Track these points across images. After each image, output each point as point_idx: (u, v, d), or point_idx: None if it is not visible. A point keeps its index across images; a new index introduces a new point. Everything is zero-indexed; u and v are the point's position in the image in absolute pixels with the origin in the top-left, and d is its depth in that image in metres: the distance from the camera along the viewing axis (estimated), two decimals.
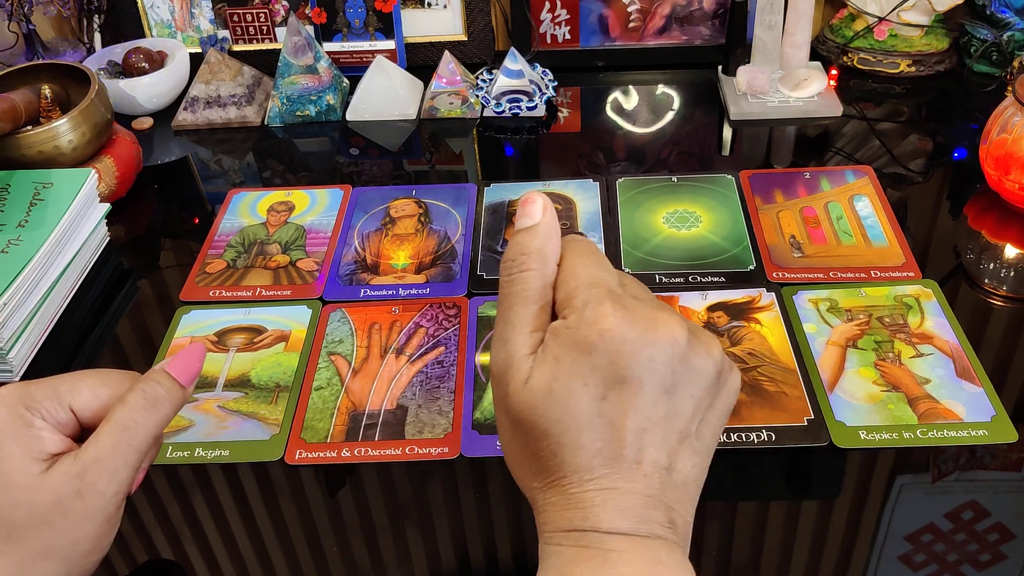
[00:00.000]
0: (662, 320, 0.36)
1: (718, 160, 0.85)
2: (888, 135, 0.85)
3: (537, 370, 0.36)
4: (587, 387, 0.35)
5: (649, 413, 0.36)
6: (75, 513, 0.40)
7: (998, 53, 0.89)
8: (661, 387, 0.36)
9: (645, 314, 0.36)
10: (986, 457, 0.53)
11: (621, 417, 0.35)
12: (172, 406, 0.43)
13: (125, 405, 0.42)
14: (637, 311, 0.36)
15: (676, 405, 0.36)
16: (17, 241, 0.65)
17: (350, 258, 0.72)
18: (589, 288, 0.37)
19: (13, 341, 0.62)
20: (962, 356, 0.59)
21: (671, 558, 0.37)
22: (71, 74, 0.81)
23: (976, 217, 0.73)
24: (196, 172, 0.88)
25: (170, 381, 0.43)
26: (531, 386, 0.36)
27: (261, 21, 1.00)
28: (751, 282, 0.67)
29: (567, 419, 0.35)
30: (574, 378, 0.35)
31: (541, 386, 0.36)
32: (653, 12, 0.97)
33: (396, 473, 0.54)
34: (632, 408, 0.35)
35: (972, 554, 0.47)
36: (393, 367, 0.61)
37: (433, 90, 0.91)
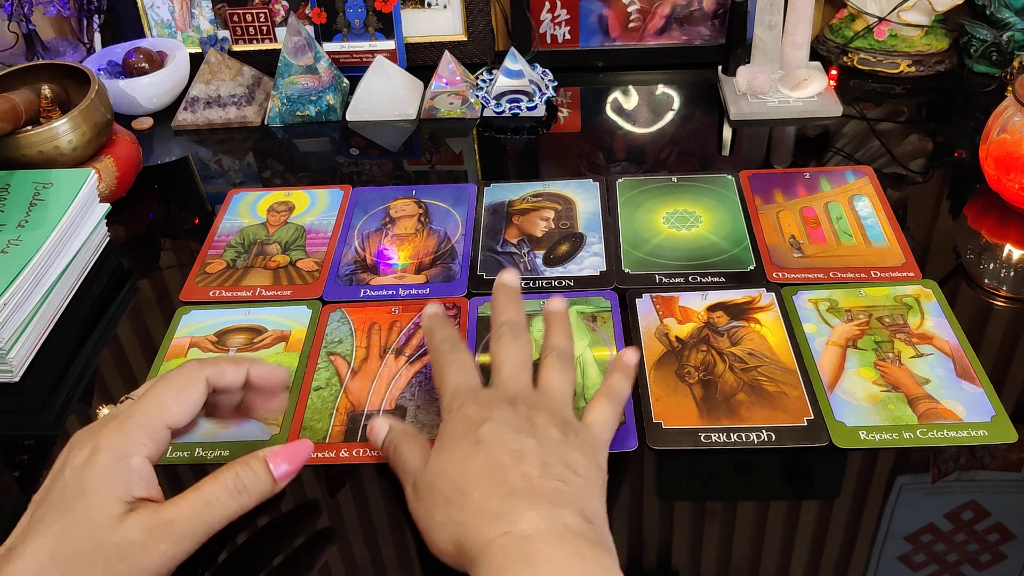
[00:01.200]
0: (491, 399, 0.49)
1: (718, 160, 0.85)
2: (888, 135, 0.85)
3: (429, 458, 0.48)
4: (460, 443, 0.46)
5: (520, 448, 0.45)
6: (132, 562, 0.41)
7: (998, 53, 0.89)
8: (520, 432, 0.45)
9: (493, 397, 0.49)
10: (986, 457, 0.52)
11: (496, 452, 0.44)
12: (257, 497, 0.45)
13: (216, 482, 0.44)
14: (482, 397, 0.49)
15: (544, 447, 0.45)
16: (17, 241, 0.65)
17: (350, 258, 0.72)
18: (452, 392, 0.50)
19: (13, 341, 0.62)
20: (962, 356, 0.59)
21: (592, 552, 0.40)
22: (71, 74, 0.81)
23: (976, 217, 0.73)
24: (196, 172, 0.88)
25: (265, 472, 0.45)
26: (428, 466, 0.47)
27: (261, 21, 1.00)
28: (751, 282, 0.67)
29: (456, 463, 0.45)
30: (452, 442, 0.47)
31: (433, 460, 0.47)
32: (653, 12, 0.97)
33: (395, 474, 0.54)
34: (501, 446, 0.45)
35: (972, 554, 0.47)
36: (392, 367, 0.61)
37: (433, 90, 0.91)
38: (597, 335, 0.63)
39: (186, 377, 0.47)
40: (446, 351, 0.53)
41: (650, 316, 0.64)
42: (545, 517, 0.41)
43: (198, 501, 0.43)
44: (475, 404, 0.48)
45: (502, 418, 0.46)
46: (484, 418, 0.47)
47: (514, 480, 0.43)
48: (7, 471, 0.57)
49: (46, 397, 0.62)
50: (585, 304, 0.65)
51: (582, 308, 0.65)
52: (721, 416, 0.55)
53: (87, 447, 0.43)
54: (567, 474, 0.44)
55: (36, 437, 0.59)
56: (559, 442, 0.46)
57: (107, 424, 0.44)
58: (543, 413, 0.48)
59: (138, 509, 0.42)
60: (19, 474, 0.57)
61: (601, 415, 0.50)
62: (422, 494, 0.46)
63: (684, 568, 0.48)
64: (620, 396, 0.52)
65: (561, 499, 0.42)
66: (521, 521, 0.41)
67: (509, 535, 0.41)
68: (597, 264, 0.70)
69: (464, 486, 0.44)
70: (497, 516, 0.42)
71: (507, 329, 0.53)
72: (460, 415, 0.48)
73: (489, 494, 0.43)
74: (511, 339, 0.53)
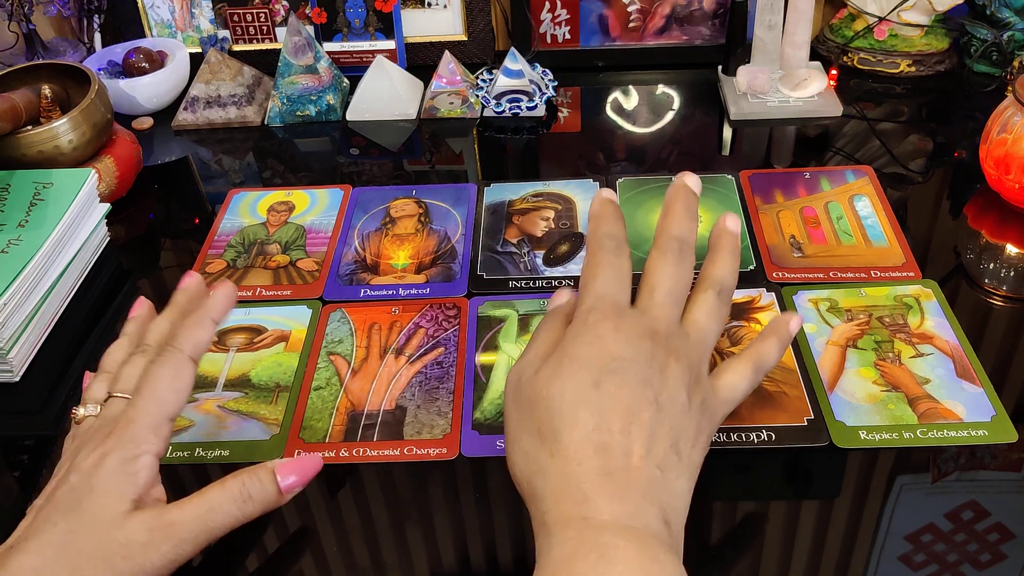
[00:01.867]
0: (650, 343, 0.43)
1: (718, 160, 0.85)
2: (888, 135, 0.85)
3: (546, 364, 0.43)
4: (581, 373, 0.42)
5: (636, 411, 0.41)
6: (133, 561, 0.41)
7: (998, 53, 0.89)
8: (646, 388, 0.41)
9: (635, 328, 0.43)
10: (986, 457, 0.52)
11: (612, 406, 0.41)
12: (261, 507, 0.45)
13: (222, 488, 0.44)
14: (626, 321, 0.44)
15: (662, 415, 0.41)
16: (17, 241, 0.65)
17: (350, 258, 0.72)
18: (596, 299, 0.45)
19: (13, 341, 0.62)
20: (962, 356, 0.59)
21: (667, 559, 0.38)
22: (71, 74, 0.81)
23: (976, 217, 0.73)
24: (196, 172, 0.88)
25: (271, 483, 0.45)
26: (540, 374, 0.43)
27: (261, 21, 1.00)
28: (751, 282, 0.67)
29: (567, 396, 0.41)
30: (573, 366, 0.42)
31: (547, 373, 0.43)
32: (653, 12, 0.97)
33: (395, 473, 0.54)
34: (619, 402, 0.41)
35: (972, 554, 0.47)
36: (392, 367, 0.61)
37: (433, 90, 0.91)
38: None
39: (174, 364, 0.46)
40: (609, 249, 0.46)
41: None
42: (629, 513, 0.39)
43: (202, 506, 0.43)
44: (614, 328, 0.43)
45: (634, 361, 0.42)
46: (617, 354, 0.42)
47: (615, 453, 0.40)
48: (7, 471, 0.57)
49: (46, 397, 0.62)
50: None
51: None
52: None
53: (94, 452, 0.43)
54: (670, 458, 0.41)
55: (36, 437, 0.59)
56: (680, 411, 0.42)
57: (111, 428, 0.44)
58: (680, 364, 0.43)
59: (143, 509, 0.43)
60: (19, 474, 0.57)
61: (738, 380, 0.46)
62: (521, 401, 0.43)
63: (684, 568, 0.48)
64: (766, 365, 0.47)
65: (651, 493, 0.40)
66: (605, 511, 0.38)
67: (588, 522, 0.38)
68: None
69: (562, 434, 0.40)
70: (583, 496, 0.39)
71: (676, 247, 0.46)
72: (593, 335, 0.43)
73: (584, 459, 0.40)
74: (677, 260, 0.46)
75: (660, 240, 0.47)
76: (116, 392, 0.47)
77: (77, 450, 0.45)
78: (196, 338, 0.48)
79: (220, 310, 0.49)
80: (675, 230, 0.47)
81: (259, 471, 0.45)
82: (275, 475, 0.45)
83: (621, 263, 0.46)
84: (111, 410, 0.46)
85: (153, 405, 0.45)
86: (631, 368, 0.42)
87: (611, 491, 0.39)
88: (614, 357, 0.42)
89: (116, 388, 0.47)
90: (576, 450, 0.40)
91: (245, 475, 0.45)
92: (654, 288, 0.45)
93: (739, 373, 0.46)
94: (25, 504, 0.45)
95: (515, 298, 0.67)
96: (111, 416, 0.46)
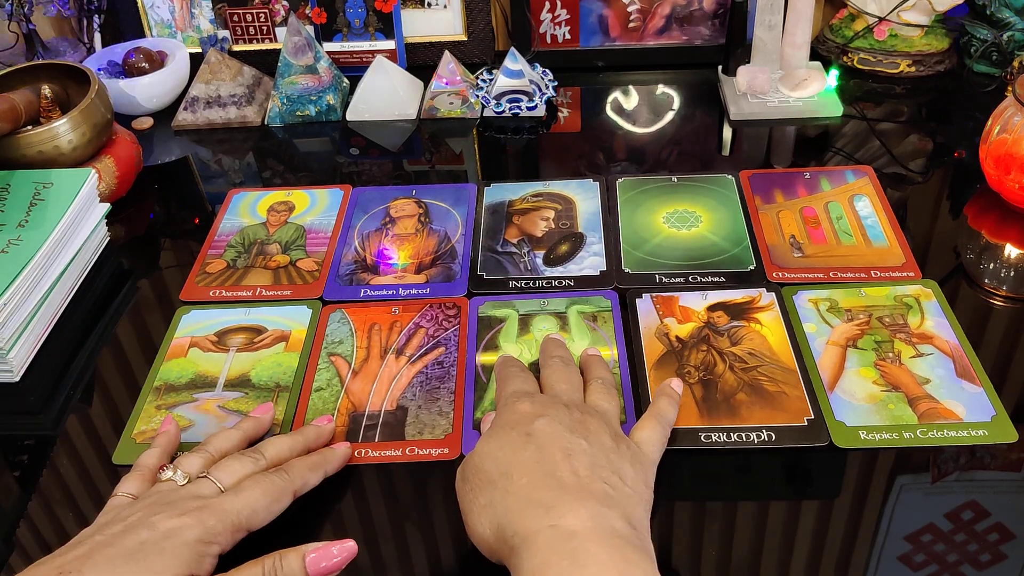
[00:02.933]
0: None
1: (718, 160, 0.85)
2: (888, 135, 0.85)
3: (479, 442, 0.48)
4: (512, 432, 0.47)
5: (571, 447, 0.45)
6: None
7: (998, 53, 0.89)
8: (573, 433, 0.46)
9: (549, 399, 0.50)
10: (986, 457, 0.53)
11: (548, 445, 0.45)
12: None
13: (255, 569, 0.44)
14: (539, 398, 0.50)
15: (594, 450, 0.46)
16: (17, 241, 0.65)
17: (350, 258, 0.72)
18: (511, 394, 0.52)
19: (13, 341, 0.62)
20: (962, 356, 0.59)
21: (638, 557, 0.40)
22: (71, 74, 0.81)
23: (976, 217, 0.73)
24: (196, 172, 0.88)
25: (300, 567, 0.44)
26: (476, 449, 0.48)
27: (261, 21, 1.00)
28: (751, 282, 0.67)
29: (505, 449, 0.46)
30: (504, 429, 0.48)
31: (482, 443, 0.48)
32: (653, 12, 0.97)
33: (396, 474, 0.54)
34: (554, 441, 0.45)
35: (972, 554, 0.47)
36: (393, 368, 0.61)
37: (433, 90, 0.91)
38: (597, 335, 0.63)
39: (280, 489, 0.48)
40: (514, 372, 0.55)
41: (650, 316, 0.64)
42: (593, 516, 0.41)
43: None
44: (531, 402, 0.49)
45: (556, 416, 0.47)
46: (539, 414, 0.48)
47: (563, 474, 0.43)
48: (7, 471, 0.57)
49: (46, 397, 0.62)
50: (586, 304, 0.65)
51: (582, 308, 0.65)
52: (721, 416, 0.55)
53: (175, 518, 0.44)
54: (615, 480, 0.44)
55: (36, 437, 0.59)
56: (610, 449, 0.47)
57: (198, 506, 0.45)
58: (596, 420, 0.49)
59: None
60: (19, 474, 0.57)
61: (651, 435, 0.51)
62: (468, 475, 0.47)
63: (684, 568, 0.48)
64: (668, 420, 0.53)
65: (609, 501, 0.42)
66: (569, 516, 0.41)
67: (556, 529, 0.40)
68: (597, 264, 0.70)
69: (512, 471, 0.44)
70: (545, 507, 0.41)
71: (559, 359, 0.56)
72: (515, 408, 0.49)
73: (537, 483, 0.43)
74: (563, 366, 0.55)
75: (544, 360, 0.56)
76: (213, 477, 0.48)
77: (153, 508, 0.45)
78: (306, 479, 0.50)
79: (335, 466, 0.53)
80: (555, 352, 0.57)
81: (291, 558, 0.44)
82: (304, 560, 0.44)
83: (528, 375, 0.55)
84: (201, 489, 0.47)
85: (247, 510, 0.46)
86: (555, 419, 0.47)
87: (571, 499, 0.42)
88: (539, 415, 0.48)
89: (215, 475, 0.48)
90: (529, 477, 0.44)
91: (277, 557, 0.44)
92: (553, 384, 0.53)
93: (649, 428, 0.51)
94: (25, 504, 0.45)
95: (515, 298, 0.67)
96: (198, 494, 0.47)
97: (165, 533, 0.43)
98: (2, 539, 0.52)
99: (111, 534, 0.44)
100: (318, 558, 0.44)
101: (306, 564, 0.44)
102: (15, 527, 0.52)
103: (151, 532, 0.43)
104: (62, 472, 0.56)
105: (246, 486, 0.47)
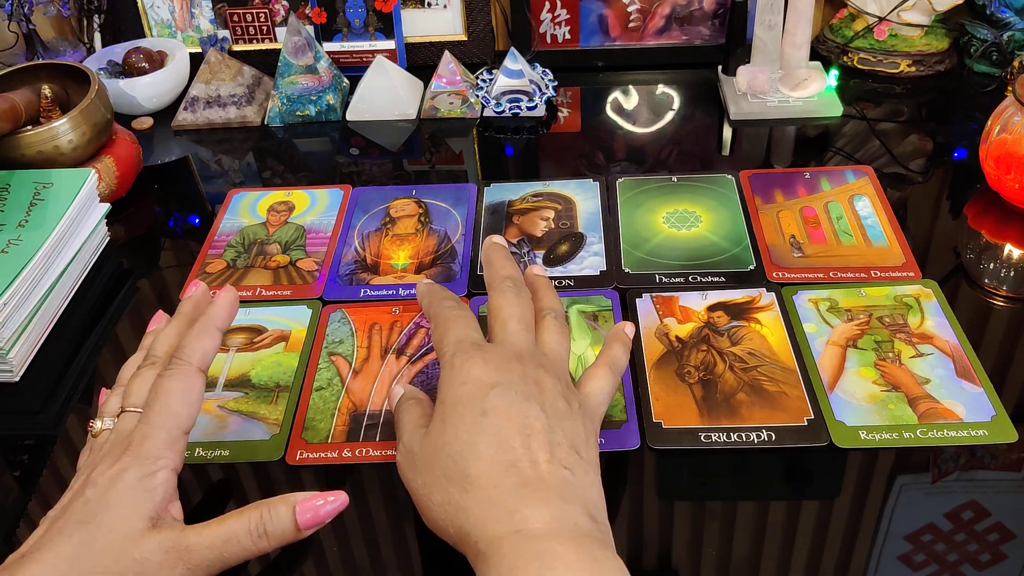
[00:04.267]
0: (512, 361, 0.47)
1: (718, 160, 0.85)
2: (888, 135, 0.85)
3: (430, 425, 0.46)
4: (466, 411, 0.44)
5: (529, 424, 0.43)
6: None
7: (998, 53, 0.89)
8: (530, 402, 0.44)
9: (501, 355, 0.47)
10: (986, 457, 0.53)
11: (505, 426, 0.43)
12: (277, 542, 0.44)
13: (241, 519, 0.43)
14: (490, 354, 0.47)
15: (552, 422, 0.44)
16: (17, 241, 0.65)
17: (350, 258, 0.72)
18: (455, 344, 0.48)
19: (13, 341, 0.62)
20: (962, 356, 0.59)
21: (603, 554, 0.39)
22: (71, 74, 0.81)
23: (976, 217, 0.73)
24: (196, 172, 0.88)
25: (289, 519, 0.43)
26: (429, 433, 0.45)
27: (261, 21, 1.00)
28: (751, 282, 0.67)
29: (461, 436, 0.43)
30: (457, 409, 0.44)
31: (436, 429, 0.45)
32: (653, 12, 0.97)
33: (396, 474, 0.54)
34: (511, 420, 0.43)
35: (972, 554, 0.47)
36: (394, 368, 0.61)
37: (433, 90, 0.91)
38: (598, 334, 0.63)
39: (183, 377, 0.46)
40: (451, 304, 0.51)
41: (650, 316, 0.64)
42: (556, 516, 0.40)
43: (219, 535, 0.43)
44: (482, 361, 0.46)
45: (510, 383, 0.45)
46: (492, 382, 0.45)
47: (523, 466, 0.42)
48: (7, 471, 0.57)
49: (46, 397, 0.62)
50: (586, 303, 0.65)
51: (583, 307, 0.65)
52: (721, 416, 0.55)
53: (112, 467, 0.43)
54: (573, 458, 0.43)
55: (36, 437, 0.59)
56: (565, 414, 0.45)
57: (127, 444, 0.44)
58: (551, 376, 0.47)
59: (160, 528, 0.43)
60: (19, 474, 0.57)
61: (601, 385, 0.49)
62: (420, 466, 0.45)
63: (684, 568, 0.48)
64: (619, 366, 0.51)
65: (570, 494, 0.42)
66: (533, 520, 0.40)
67: (521, 534, 0.40)
68: (597, 264, 0.70)
69: (469, 469, 0.42)
70: (508, 512, 0.40)
71: (511, 284, 0.51)
72: (465, 374, 0.45)
73: (498, 483, 0.41)
74: (515, 294, 0.51)
75: (495, 282, 0.52)
76: (128, 407, 0.47)
77: (94, 464, 0.45)
78: (203, 348, 0.48)
79: (224, 317, 0.49)
80: (504, 271, 0.53)
81: (279, 505, 0.44)
82: (295, 509, 0.44)
83: (467, 314, 0.51)
84: (124, 424, 0.46)
85: (168, 420, 0.45)
86: (510, 389, 0.45)
87: (533, 500, 0.41)
88: (492, 384, 0.45)
89: (128, 402, 0.47)
90: (488, 476, 0.42)
91: (267, 506, 0.44)
92: (505, 321, 0.50)
93: (600, 378, 0.50)
94: (25, 504, 0.45)
95: None
96: (125, 430, 0.46)
97: (106, 485, 0.43)
98: (2, 539, 0.52)
99: (62, 506, 0.44)
100: (308, 507, 0.44)
101: (296, 514, 0.43)
102: (15, 527, 0.52)
103: (94, 490, 0.43)
104: (62, 472, 0.56)
105: (154, 396, 0.46)
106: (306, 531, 0.44)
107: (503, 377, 0.45)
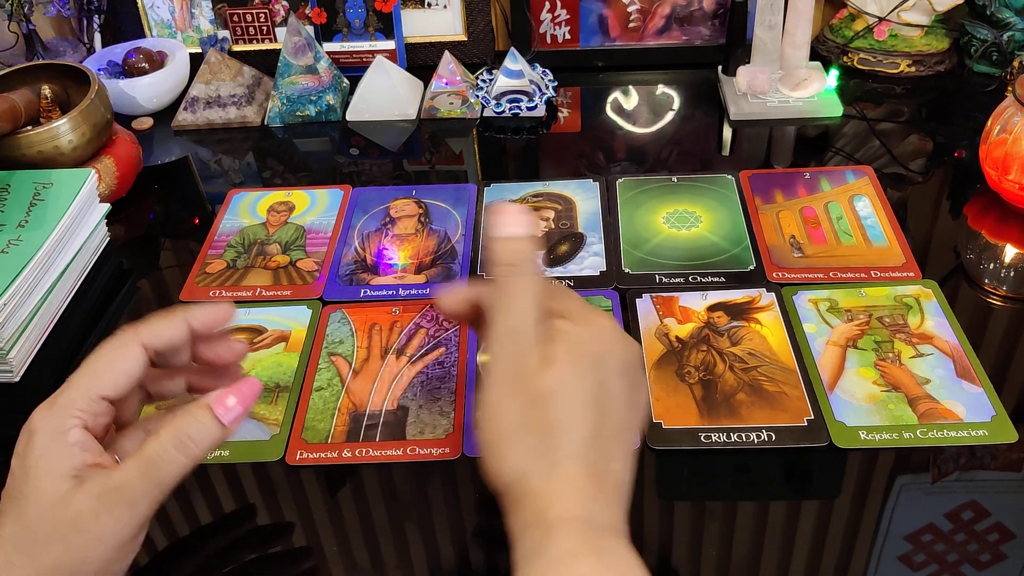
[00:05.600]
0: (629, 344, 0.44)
1: (718, 160, 0.85)
2: (888, 135, 0.85)
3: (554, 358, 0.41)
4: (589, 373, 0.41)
5: (628, 420, 0.42)
6: (88, 533, 0.40)
7: (998, 53, 0.89)
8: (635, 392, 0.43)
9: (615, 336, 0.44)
10: (986, 457, 0.53)
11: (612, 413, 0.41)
12: (206, 446, 0.42)
13: (157, 440, 0.41)
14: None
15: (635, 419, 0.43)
16: (17, 241, 0.65)
17: (350, 258, 0.72)
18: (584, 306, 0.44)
19: (13, 341, 0.62)
20: (962, 356, 0.59)
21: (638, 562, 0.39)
22: (71, 74, 0.81)
23: (976, 217, 0.73)
24: (196, 172, 0.88)
25: (210, 418, 0.42)
26: (552, 370, 0.41)
27: (261, 21, 1.00)
28: (751, 282, 0.67)
29: (577, 396, 0.40)
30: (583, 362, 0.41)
31: (558, 372, 0.41)
32: (653, 12, 0.97)
33: (397, 473, 0.54)
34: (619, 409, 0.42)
35: (972, 554, 0.47)
36: (394, 368, 0.61)
37: (433, 90, 0.91)
38: None
39: (118, 343, 0.44)
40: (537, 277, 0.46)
41: (650, 316, 0.64)
42: (620, 518, 0.40)
43: (143, 460, 0.41)
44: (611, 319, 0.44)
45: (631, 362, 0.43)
46: (621, 357, 0.42)
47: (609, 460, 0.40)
48: (7, 471, 0.57)
49: (46, 397, 0.62)
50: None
51: None
52: (721, 416, 0.56)
53: (24, 433, 0.42)
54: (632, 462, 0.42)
55: None
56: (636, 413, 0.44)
57: (40, 406, 0.43)
58: None
59: (85, 480, 0.41)
60: None
61: None
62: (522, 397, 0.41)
63: (684, 568, 0.48)
64: None
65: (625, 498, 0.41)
66: (605, 515, 0.39)
67: (590, 524, 0.38)
68: (597, 264, 0.70)
69: (569, 432, 0.40)
70: (586, 499, 0.39)
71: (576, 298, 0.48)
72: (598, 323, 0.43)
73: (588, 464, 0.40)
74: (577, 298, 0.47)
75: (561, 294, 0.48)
76: None
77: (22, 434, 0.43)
78: (158, 328, 0.45)
79: (203, 319, 0.46)
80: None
81: (194, 409, 0.42)
82: (212, 409, 0.42)
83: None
84: None
85: (84, 379, 0.43)
86: (629, 371, 0.43)
87: (607, 497, 0.40)
88: (620, 360, 0.43)
89: None
90: (581, 453, 0.40)
91: (179, 418, 0.42)
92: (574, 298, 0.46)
93: None
94: None
95: None
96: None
97: (22, 454, 0.41)
98: None
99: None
100: (224, 402, 0.42)
101: (216, 413, 0.42)
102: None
103: (16, 461, 0.42)
104: None
105: (85, 360, 0.44)
106: (232, 426, 0.42)
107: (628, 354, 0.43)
